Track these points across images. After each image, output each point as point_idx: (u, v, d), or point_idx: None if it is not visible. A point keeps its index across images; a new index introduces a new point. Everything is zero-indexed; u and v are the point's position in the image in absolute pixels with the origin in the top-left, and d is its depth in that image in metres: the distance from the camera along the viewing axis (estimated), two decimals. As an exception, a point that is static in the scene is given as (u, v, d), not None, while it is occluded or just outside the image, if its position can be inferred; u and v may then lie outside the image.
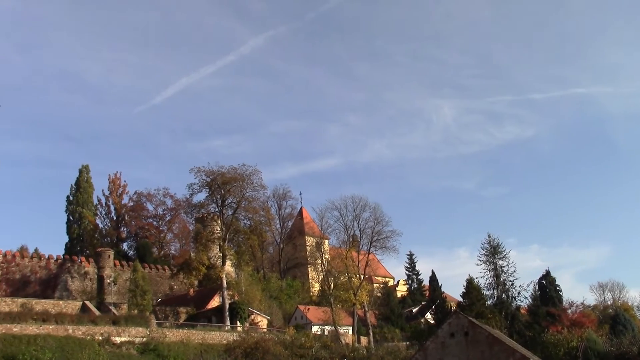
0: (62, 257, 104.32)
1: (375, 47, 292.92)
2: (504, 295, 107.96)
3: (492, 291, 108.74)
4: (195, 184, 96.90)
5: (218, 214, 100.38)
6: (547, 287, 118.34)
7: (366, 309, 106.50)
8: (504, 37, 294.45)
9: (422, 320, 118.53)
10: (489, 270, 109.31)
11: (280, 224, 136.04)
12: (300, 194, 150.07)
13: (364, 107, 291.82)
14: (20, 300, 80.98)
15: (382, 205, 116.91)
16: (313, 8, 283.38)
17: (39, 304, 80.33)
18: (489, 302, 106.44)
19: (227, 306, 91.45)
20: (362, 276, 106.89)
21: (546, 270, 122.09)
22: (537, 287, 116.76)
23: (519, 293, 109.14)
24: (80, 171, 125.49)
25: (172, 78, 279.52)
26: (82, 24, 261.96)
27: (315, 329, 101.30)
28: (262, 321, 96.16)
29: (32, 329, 68.55)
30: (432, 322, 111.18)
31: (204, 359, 71.88)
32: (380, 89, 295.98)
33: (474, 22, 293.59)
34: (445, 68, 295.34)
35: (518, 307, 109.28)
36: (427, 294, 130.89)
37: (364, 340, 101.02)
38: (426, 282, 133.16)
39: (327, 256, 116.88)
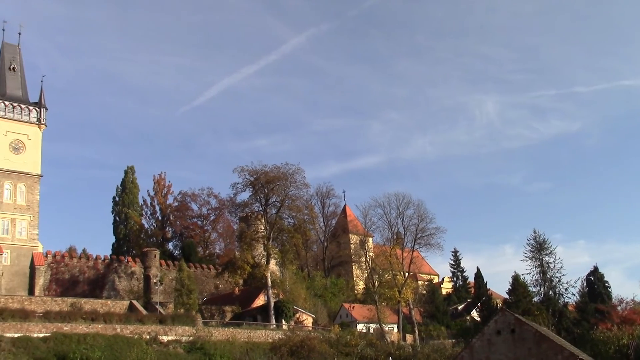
0: (109, 257, 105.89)
1: (417, 42, 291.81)
2: (550, 292, 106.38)
3: (538, 288, 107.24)
4: (239, 183, 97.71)
5: (262, 213, 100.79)
6: (595, 284, 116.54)
7: (411, 306, 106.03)
8: (547, 30, 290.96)
9: (468, 317, 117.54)
10: (535, 267, 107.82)
11: (323, 222, 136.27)
12: (344, 192, 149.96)
13: (406, 103, 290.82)
14: (70, 300, 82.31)
15: (425, 202, 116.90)
16: (354, 5, 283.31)
17: (88, 304, 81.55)
18: (535, 299, 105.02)
19: (272, 305, 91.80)
20: (407, 273, 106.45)
21: (594, 266, 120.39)
22: (584, 284, 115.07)
23: (566, 290, 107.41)
24: (126, 172, 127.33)
25: (215, 78, 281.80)
26: (125, 27, 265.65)
27: (361, 326, 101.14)
28: (307, 319, 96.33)
29: (81, 327, 69.79)
30: (478, 319, 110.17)
31: (249, 357, 72.22)
32: (422, 85, 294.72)
33: (516, 16, 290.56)
34: (488, 63, 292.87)
35: (566, 304, 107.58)
36: (472, 291, 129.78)
37: (409, 338, 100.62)
38: (471, 279, 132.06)
39: (371, 254, 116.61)
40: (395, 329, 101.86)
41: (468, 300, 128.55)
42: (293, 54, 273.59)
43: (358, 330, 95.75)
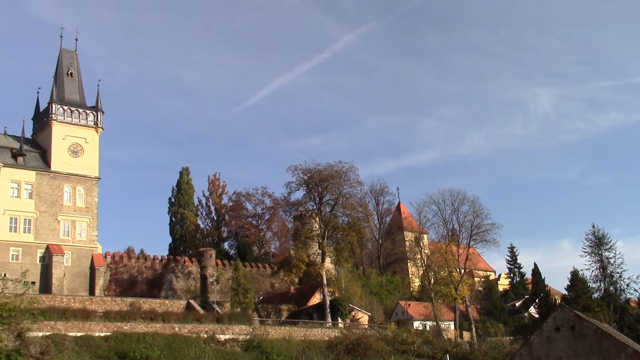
0: (166, 257, 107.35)
1: (470, 37, 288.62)
2: (611, 288, 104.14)
3: (598, 284, 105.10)
4: (292, 182, 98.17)
5: (316, 211, 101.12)
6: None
7: (468, 303, 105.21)
8: (602, 20, 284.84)
9: (526, 314, 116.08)
10: (595, 262, 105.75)
11: (378, 220, 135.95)
12: (398, 189, 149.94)
13: (459, 99, 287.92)
14: (129, 300, 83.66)
15: (480, 198, 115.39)
16: (405, 1, 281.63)
17: (147, 303, 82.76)
18: (595, 295, 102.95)
19: (328, 303, 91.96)
20: (463, 270, 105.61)
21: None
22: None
23: (628, 285, 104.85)
24: (181, 173, 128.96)
25: (267, 78, 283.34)
26: (178, 30, 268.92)
27: (417, 324, 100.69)
28: (363, 317, 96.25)
29: (140, 327, 70.96)
30: (536, 316, 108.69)
31: (306, 355, 72.47)
32: (475, 80, 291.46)
33: (570, 7, 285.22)
34: (542, 55, 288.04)
35: (627, 300, 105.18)
36: (529, 288, 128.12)
37: (466, 335, 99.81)
38: (529, 275, 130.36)
39: (426, 251, 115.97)
40: (452, 326, 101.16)
41: (525, 296, 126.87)
42: (345, 52, 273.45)
43: (414, 327, 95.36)
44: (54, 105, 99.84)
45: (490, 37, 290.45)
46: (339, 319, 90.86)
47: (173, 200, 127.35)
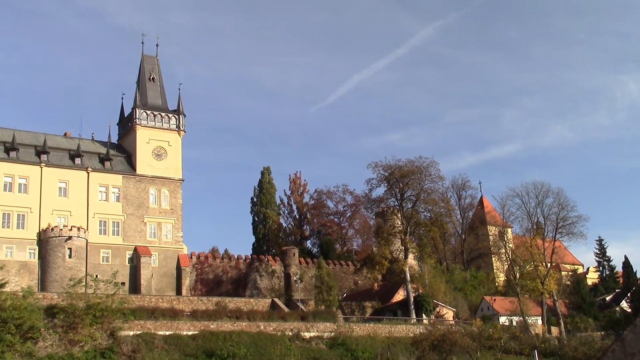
0: (250, 256, 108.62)
1: (551, 25, 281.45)
2: None
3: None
4: (373, 179, 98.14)
5: (398, 207, 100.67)
6: None
7: (555, 298, 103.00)
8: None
9: (617, 308, 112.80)
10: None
11: (460, 215, 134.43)
12: (480, 183, 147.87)
13: (542, 89, 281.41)
14: (214, 299, 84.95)
15: (566, 190, 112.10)
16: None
17: (232, 302, 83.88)
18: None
19: (412, 299, 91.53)
20: (549, 264, 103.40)
21: None
22: None
23: None
24: (262, 173, 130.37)
25: (345, 76, 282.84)
26: (255, 31, 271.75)
27: (503, 319, 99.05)
28: (448, 313, 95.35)
29: (227, 325, 72.22)
30: (629, 310, 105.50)
31: (391, 352, 72.32)
32: (558, 69, 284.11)
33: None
34: (628, 41, 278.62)
35: None
36: (620, 281, 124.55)
37: (554, 330, 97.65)
38: (619, 269, 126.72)
39: (510, 245, 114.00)
40: (540, 322, 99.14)
41: (616, 290, 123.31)
42: (422, 46, 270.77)
43: (500, 323, 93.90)
44: (137, 110, 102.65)
45: (573, 24, 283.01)
46: (423, 315, 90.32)
47: (255, 200, 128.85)
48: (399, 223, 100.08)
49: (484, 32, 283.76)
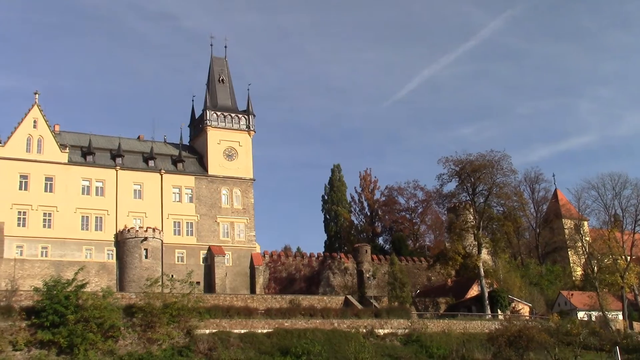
0: (322, 254, 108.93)
1: (625, 12, 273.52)
2: None
3: None
4: (444, 174, 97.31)
5: (470, 202, 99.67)
6: None
7: (637, 292, 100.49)
8: None
9: None
10: None
11: (534, 208, 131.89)
12: (553, 176, 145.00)
13: (617, 78, 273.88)
14: (288, 297, 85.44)
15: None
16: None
17: (305, 300, 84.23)
18: None
19: (487, 295, 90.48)
20: (629, 257, 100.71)
21: None
22: None
23: None
24: (333, 171, 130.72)
25: (414, 70, 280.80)
26: (323, 28, 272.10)
27: (581, 314, 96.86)
28: (524, 309, 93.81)
29: (301, 323, 72.79)
30: None
31: (466, 348, 71.65)
32: (634, 57, 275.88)
33: None
34: None
35: None
36: None
37: (636, 325, 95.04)
38: None
39: (587, 238, 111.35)
40: (620, 317, 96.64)
41: None
42: (492, 38, 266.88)
43: (579, 318, 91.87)
44: (208, 112, 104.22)
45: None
46: (498, 310, 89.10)
47: (326, 197, 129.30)
48: (472, 218, 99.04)
49: (555, 22, 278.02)
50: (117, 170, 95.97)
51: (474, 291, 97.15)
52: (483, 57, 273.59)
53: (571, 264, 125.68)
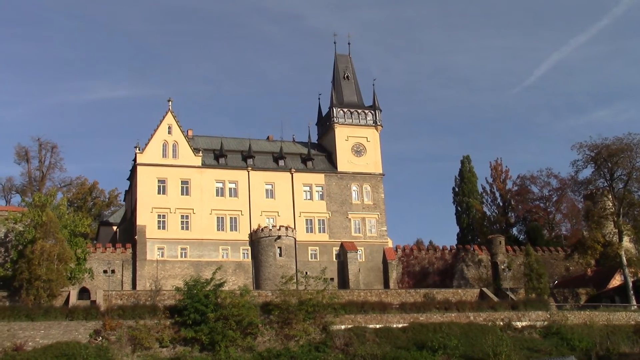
0: (455, 247, 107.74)
1: None
2: None
3: None
4: (579, 160, 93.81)
5: (608, 188, 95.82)
6: None
7: None
8: None
9: None
10: None
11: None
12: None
13: None
14: (422, 291, 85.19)
15: None
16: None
17: (440, 294, 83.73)
18: None
19: (631, 284, 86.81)
20: None
21: None
22: None
23: None
24: (462, 162, 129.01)
25: (543, 55, 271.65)
26: (446, 18, 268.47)
27: None
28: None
29: (436, 317, 72.38)
30: None
31: (611, 341, 69.11)
32: None
33: None
34: None
35: None
36: None
37: None
38: None
39: None
40: None
41: None
42: (627, 14, 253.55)
43: None
44: (334, 109, 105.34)
45: None
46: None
47: (457, 189, 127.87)
48: (610, 205, 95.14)
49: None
50: (248, 171, 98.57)
51: (616, 281, 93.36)
52: (617, 36, 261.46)
53: None
